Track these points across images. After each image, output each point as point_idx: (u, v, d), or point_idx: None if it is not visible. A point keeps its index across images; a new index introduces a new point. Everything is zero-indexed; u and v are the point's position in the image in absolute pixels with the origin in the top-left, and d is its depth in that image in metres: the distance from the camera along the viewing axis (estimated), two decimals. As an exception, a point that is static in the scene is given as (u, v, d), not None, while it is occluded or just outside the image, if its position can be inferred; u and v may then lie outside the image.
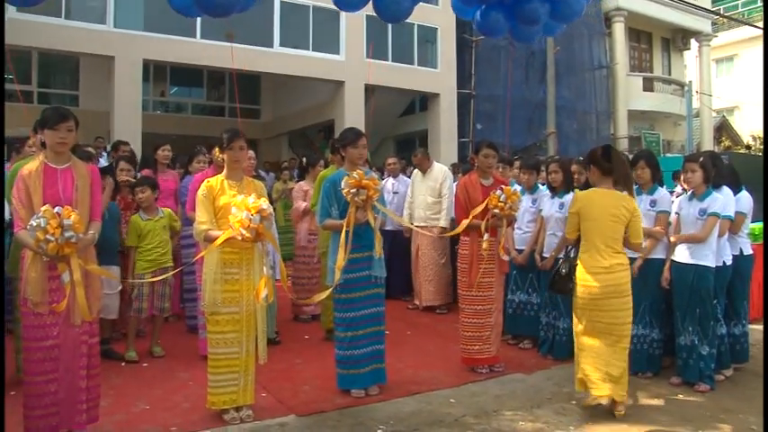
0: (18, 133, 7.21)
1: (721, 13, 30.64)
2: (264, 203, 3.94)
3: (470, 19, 5.55)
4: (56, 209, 3.43)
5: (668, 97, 22.82)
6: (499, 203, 5.08)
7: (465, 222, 5.15)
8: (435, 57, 17.20)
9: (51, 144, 3.63)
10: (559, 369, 5.51)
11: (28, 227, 3.39)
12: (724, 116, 29.75)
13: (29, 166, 3.63)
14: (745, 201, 5.48)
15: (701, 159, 5.15)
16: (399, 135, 19.64)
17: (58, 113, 3.66)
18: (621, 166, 4.61)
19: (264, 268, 4.06)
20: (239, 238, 3.90)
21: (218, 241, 3.96)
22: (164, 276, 5.26)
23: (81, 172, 3.74)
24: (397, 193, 8.19)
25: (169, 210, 6.00)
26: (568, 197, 5.75)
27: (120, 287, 5.55)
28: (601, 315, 4.42)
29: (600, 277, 4.38)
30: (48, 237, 3.35)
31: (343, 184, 4.55)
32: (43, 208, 3.42)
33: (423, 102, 18.43)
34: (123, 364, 5.45)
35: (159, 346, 5.75)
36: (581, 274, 4.47)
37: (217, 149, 4.44)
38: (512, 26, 5.22)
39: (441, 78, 17.04)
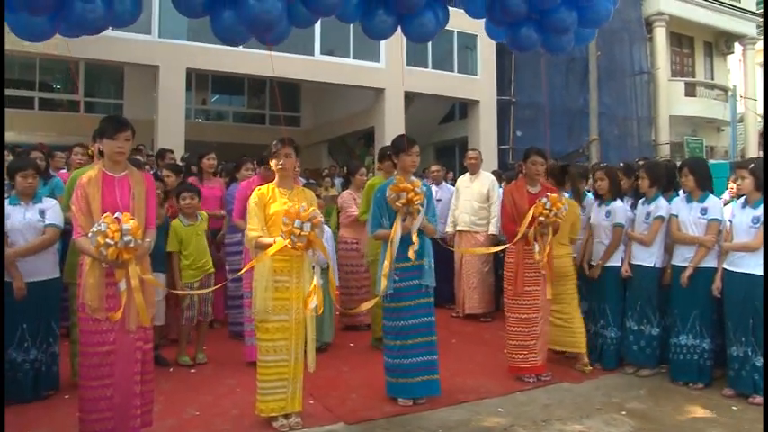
0: (65, 141, 7.39)
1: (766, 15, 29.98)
2: (316, 211, 3.97)
3: (503, 40, 5.56)
4: (116, 215, 3.50)
5: (711, 102, 22.40)
6: (544, 211, 5.05)
7: (519, 234, 5.12)
8: (475, 64, 17.17)
9: (109, 153, 3.71)
10: (607, 378, 5.45)
11: (90, 233, 3.46)
12: (769, 121, 29.10)
13: (88, 174, 3.72)
14: None
15: (752, 166, 5.06)
16: (439, 142, 19.63)
17: (115, 123, 3.75)
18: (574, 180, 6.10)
19: (315, 277, 4.08)
20: (290, 246, 3.93)
21: (271, 251, 4.00)
22: (212, 289, 5.34)
23: (137, 180, 3.82)
24: (440, 200, 8.16)
25: (204, 212, 6.06)
26: (615, 204, 5.70)
27: (165, 293, 5.64)
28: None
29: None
30: (108, 241, 3.42)
31: (387, 193, 4.57)
32: (105, 215, 3.49)
33: (462, 109, 18.40)
34: (171, 369, 5.54)
35: (203, 353, 5.81)
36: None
37: (272, 161, 4.46)
38: (544, 39, 5.19)
39: (480, 85, 17.00)
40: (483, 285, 7.45)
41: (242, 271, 4.43)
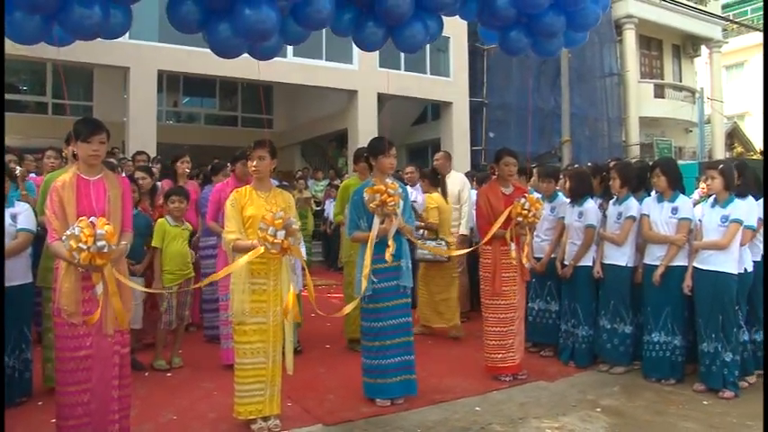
0: (32, 144, 7.29)
1: (731, 19, 30.55)
2: (291, 219, 3.96)
3: (496, 43, 5.63)
4: (90, 219, 3.46)
5: (679, 104, 22.75)
6: (523, 211, 5.10)
7: (491, 232, 5.17)
8: (447, 65, 17.24)
9: (84, 156, 3.66)
10: (582, 376, 5.54)
11: (63, 237, 3.42)
12: (735, 122, 29.62)
13: (62, 178, 3.67)
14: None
15: (721, 166, 5.17)
16: (412, 144, 19.67)
17: (90, 126, 3.69)
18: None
19: (292, 284, 4.07)
20: (264, 250, 3.93)
21: (246, 259, 3.98)
22: (189, 288, 5.31)
23: (113, 183, 3.77)
24: (415, 201, 8.16)
25: (191, 226, 6.06)
26: (587, 205, 5.78)
27: (143, 296, 5.60)
28: None
29: None
30: (80, 245, 3.37)
31: (364, 195, 4.60)
32: (80, 219, 3.45)
33: (435, 110, 18.47)
34: (146, 374, 5.49)
35: (179, 357, 5.78)
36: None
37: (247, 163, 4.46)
38: (533, 42, 5.27)
39: (453, 87, 17.08)
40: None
41: (218, 276, 4.38)
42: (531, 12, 4.99)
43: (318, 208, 13.64)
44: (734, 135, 28.30)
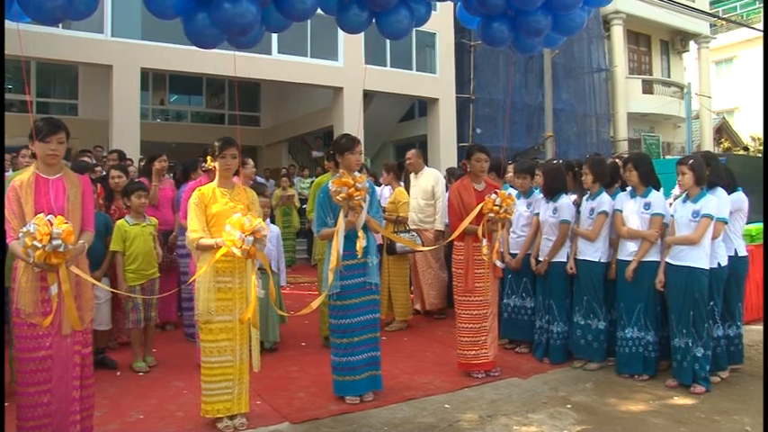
0: (15, 143, 7.23)
1: (720, 15, 30.63)
2: (260, 224, 3.93)
3: (474, 28, 5.60)
4: (48, 217, 3.43)
5: (668, 99, 22.79)
6: (494, 207, 5.09)
7: (461, 227, 5.15)
8: (434, 62, 17.20)
9: (42, 156, 3.64)
10: (555, 373, 5.53)
11: (19, 234, 3.39)
12: (724, 117, 29.73)
13: (20, 177, 3.65)
14: (736, 201, 5.48)
15: (691, 161, 5.16)
16: (399, 140, 19.64)
17: (49, 125, 3.66)
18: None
19: (257, 289, 4.05)
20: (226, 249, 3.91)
21: (215, 258, 3.97)
22: (166, 294, 5.26)
23: (73, 182, 3.74)
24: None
25: (155, 219, 5.94)
26: (562, 201, 5.77)
27: (109, 296, 5.56)
28: None
29: None
30: (35, 243, 3.34)
31: (329, 188, 4.58)
32: (36, 216, 3.42)
33: (422, 107, 18.43)
34: (118, 373, 5.47)
35: (152, 356, 5.73)
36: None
37: (209, 158, 4.44)
38: (515, 37, 5.25)
39: (440, 83, 17.04)
40: (437, 281, 7.48)
41: (193, 278, 4.34)
42: (522, 8, 4.96)
43: (304, 206, 13.62)
44: (722, 130, 28.40)
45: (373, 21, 5.00)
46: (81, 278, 3.67)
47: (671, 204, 5.49)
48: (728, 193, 5.34)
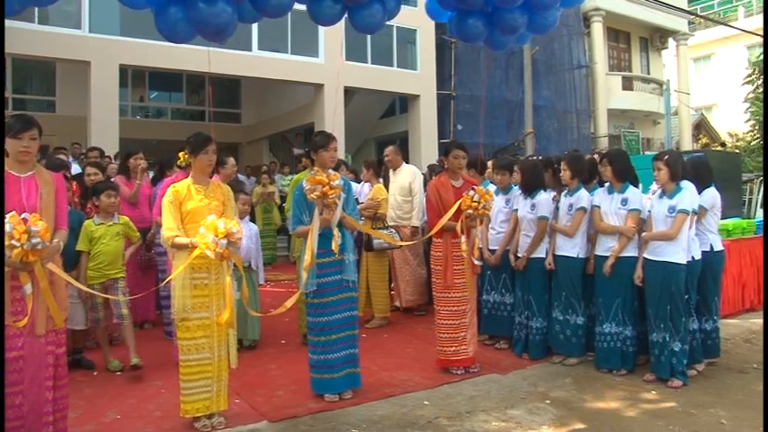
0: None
1: (698, 12, 30.89)
2: (234, 227, 3.89)
3: (445, 21, 5.58)
4: (22, 215, 3.38)
5: (647, 96, 22.96)
6: (472, 203, 5.09)
7: (440, 224, 5.14)
8: (415, 58, 17.20)
9: (14, 153, 3.57)
10: (534, 369, 5.54)
11: None
12: (702, 114, 30.02)
13: (-10, 175, 3.58)
14: (711, 197, 5.53)
15: (666, 157, 5.20)
16: (380, 137, 19.62)
17: (20, 122, 3.60)
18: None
19: (233, 291, 4.02)
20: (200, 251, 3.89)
21: (186, 262, 3.95)
22: (146, 293, 5.20)
23: (45, 179, 3.68)
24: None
25: (126, 218, 5.85)
26: (540, 197, 5.79)
27: (81, 296, 5.49)
28: None
29: None
30: (13, 242, 3.29)
31: (304, 186, 4.55)
32: (9, 214, 3.37)
33: (403, 103, 18.43)
34: (95, 373, 5.41)
35: (138, 357, 5.51)
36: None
37: (182, 155, 4.39)
38: (489, 34, 5.24)
39: (420, 80, 17.05)
40: (415, 278, 7.48)
41: (169, 278, 4.28)
42: (502, 5, 4.95)
43: (285, 203, 13.58)
44: (701, 126, 28.65)
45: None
46: (55, 277, 3.62)
47: (650, 200, 5.53)
48: (703, 189, 5.40)
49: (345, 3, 4.79)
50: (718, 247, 5.56)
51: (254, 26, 14.34)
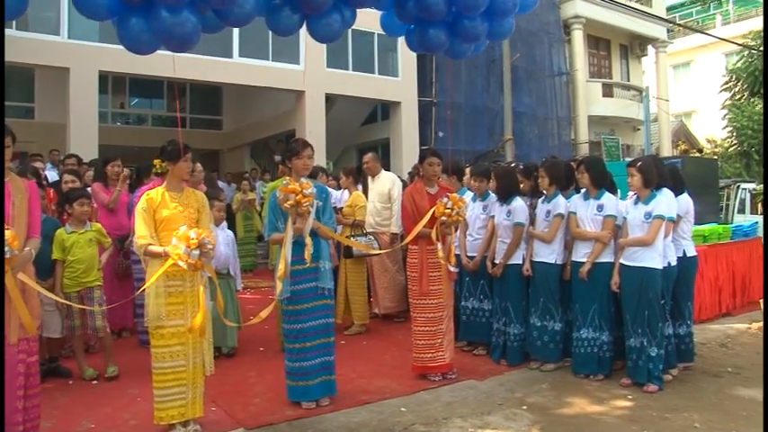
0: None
1: (676, 21, 31.25)
2: (206, 237, 3.87)
3: (401, 35, 5.60)
4: (-7, 224, 3.35)
5: (627, 103, 23.15)
6: (446, 210, 5.10)
7: (414, 231, 5.15)
8: (396, 65, 17.24)
9: (-16, 160, 3.55)
10: (512, 374, 5.56)
11: None
12: (682, 120, 30.32)
13: (-39, 183, 3.55)
14: (684, 204, 5.59)
15: (639, 164, 5.26)
16: (362, 144, 19.60)
17: (-9, 129, 3.58)
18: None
19: (207, 300, 4.00)
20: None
21: (158, 273, 3.93)
22: (122, 302, 5.15)
23: (18, 187, 3.65)
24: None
25: (98, 225, 5.81)
26: (515, 204, 5.81)
27: (56, 304, 5.44)
28: None
29: None
30: None
31: (277, 194, 4.55)
32: None
33: (384, 110, 18.46)
34: (70, 382, 5.36)
35: (114, 366, 5.52)
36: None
37: (159, 162, 4.36)
38: (450, 43, 5.26)
39: (402, 87, 17.09)
40: (394, 284, 7.47)
41: (144, 287, 4.23)
42: (467, 14, 4.98)
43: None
44: (680, 133, 28.92)
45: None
46: (27, 285, 3.59)
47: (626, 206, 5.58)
48: (676, 195, 5.45)
49: (303, 12, 4.77)
50: (692, 252, 5.63)
51: (235, 33, 14.34)
